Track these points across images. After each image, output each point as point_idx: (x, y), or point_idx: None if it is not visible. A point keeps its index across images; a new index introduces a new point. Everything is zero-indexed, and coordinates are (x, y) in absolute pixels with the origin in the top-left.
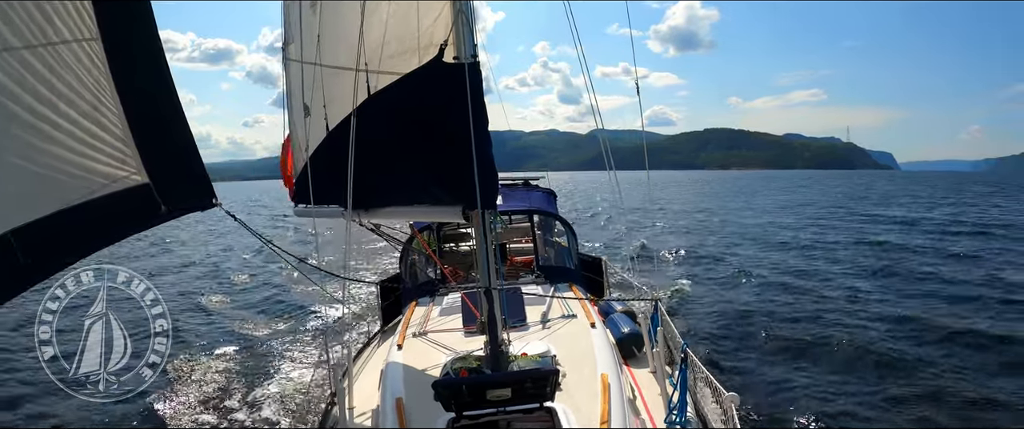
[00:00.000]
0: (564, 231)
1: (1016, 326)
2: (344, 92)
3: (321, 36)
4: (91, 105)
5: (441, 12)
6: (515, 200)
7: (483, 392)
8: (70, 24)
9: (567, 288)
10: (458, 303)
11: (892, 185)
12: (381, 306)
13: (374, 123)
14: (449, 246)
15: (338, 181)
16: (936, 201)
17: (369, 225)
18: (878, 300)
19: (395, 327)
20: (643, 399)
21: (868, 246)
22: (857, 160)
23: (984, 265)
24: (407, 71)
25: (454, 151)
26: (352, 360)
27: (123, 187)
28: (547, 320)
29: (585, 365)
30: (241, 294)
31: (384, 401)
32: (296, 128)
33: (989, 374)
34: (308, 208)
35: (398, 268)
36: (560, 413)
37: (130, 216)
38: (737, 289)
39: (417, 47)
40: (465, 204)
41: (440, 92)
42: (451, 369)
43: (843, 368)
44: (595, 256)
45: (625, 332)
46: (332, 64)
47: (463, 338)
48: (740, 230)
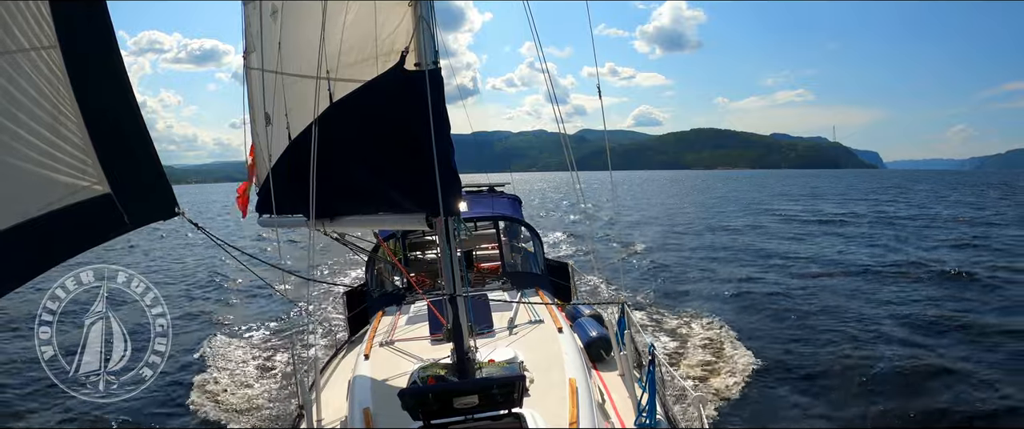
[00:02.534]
0: (530, 237)
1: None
2: (306, 101)
3: (282, 44)
4: (50, 115)
5: (402, 19)
6: (480, 206)
7: (450, 400)
8: (27, 31)
9: (534, 293)
10: (425, 311)
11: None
12: (348, 316)
13: (336, 131)
14: (415, 254)
15: (301, 190)
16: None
17: (333, 234)
18: (839, 293)
19: (362, 337)
20: (612, 402)
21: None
22: (843, 159)
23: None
24: (369, 78)
25: (416, 158)
26: (319, 371)
27: (84, 198)
28: (514, 326)
29: (553, 370)
30: (206, 303)
31: (352, 412)
32: (258, 138)
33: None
34: (271, 218)
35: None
36: (528, 418)
37: (92, 227)
38: (694, 283)
39: (378, 54)
40: (428, 211)
41: (401, 99)
42: (418, 378)
43: (812, 367)
44: (562, 261)
45: (593, 336)
46: (293, 72)
47: (430, 346)
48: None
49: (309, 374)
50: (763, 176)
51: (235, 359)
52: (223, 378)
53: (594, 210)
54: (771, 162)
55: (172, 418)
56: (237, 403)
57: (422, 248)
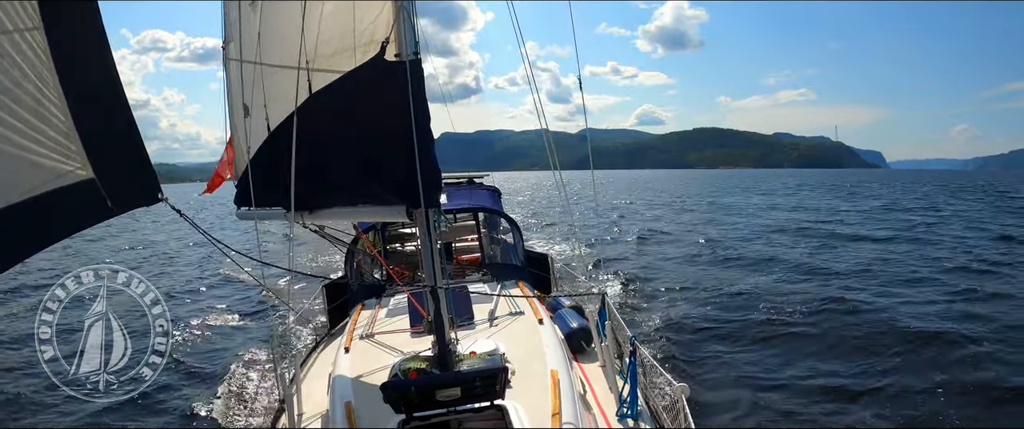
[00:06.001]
0: (510, 228)
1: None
2: (285, 92)
3: (261, 35)
4: (33, 98)
5: (383, 9)
6: (460, 198)
7: (432, 393)
8: (11, 12)
9: (514, 285)
10: (405, 304)
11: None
12: (328, 309)
13: (316, 122)
14: (395, 246)
15: (280, 182)
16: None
17: (313, 227)
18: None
19: (342, 330)
20: (594, 393)
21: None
22: (845, 159)
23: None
24: (348, 69)
25: (396, 150)
26: (300, 365)
27: (68, 182)
28: (495, 318)
29: (534, 362)
30: (186, 295)
31: (333, 406)
32: (237, 130)
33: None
34: (251, 211)
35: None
36: (511, 411)
37: (75, 212)
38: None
39: (359, 45)
40: (408, 203)
41: (382, 90)
42: (399, 370)
43: (787, 352)
44: (541, 252)
45: (574, 327)
46: (272, 63)
47: (410, 339)
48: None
49: (289, 368)
50: (764, 175)
51: (213, 353)
52: (201, 373)
53: (597, 206)
54: (773, 161)
55: (151, 416)
56: (217, 398)
57: (401, 240)
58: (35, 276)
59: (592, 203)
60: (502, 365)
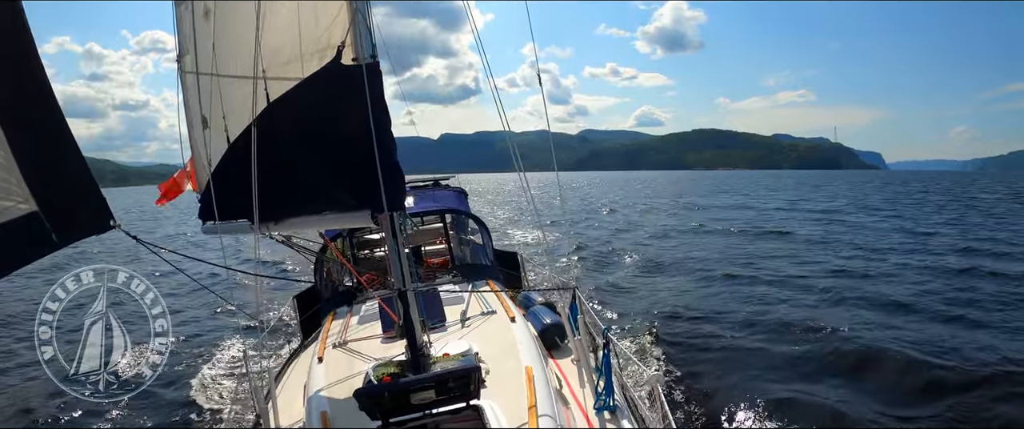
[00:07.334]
0: (478, 229)
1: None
2: (243, 102)
3: (215, 45)
4: None
5: (338, 13)
6: (426, 201)
7: (407, 397)
8: None
9: (484, 284)
10: (376, 309)
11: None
12: (300, 319)
13: (276, 131)
14: (364, 253)
15: (244, 194)
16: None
17: (279, 237)
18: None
19: (315, 339)
20: (570, 387)
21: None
22: (844, 160)
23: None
24: (306, 76)
25: (357, 154)
26: (274, 378)
27: (8, 218)
28: (467, 318)
29: (508, 360)
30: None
31: (309, 417)
32: (196, 143)
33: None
34: (215, 224)
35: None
36: (487, 410)
37: (17, 248)
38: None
39: (315, 50)
40: (373, 208)
41: (340, 94)
42: (373, 376)
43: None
44: (511, 250)
45: (546, 323)
46: (229, 73)
47: (383, 345)
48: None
49: (263, 381)
50: (760, 176)
51: (185, 369)
52: (170, 395)
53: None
54: (772, 162)
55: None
56: (191, 414)
57: (371, 246)
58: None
59: (583, 203)
60: (476, 364)
